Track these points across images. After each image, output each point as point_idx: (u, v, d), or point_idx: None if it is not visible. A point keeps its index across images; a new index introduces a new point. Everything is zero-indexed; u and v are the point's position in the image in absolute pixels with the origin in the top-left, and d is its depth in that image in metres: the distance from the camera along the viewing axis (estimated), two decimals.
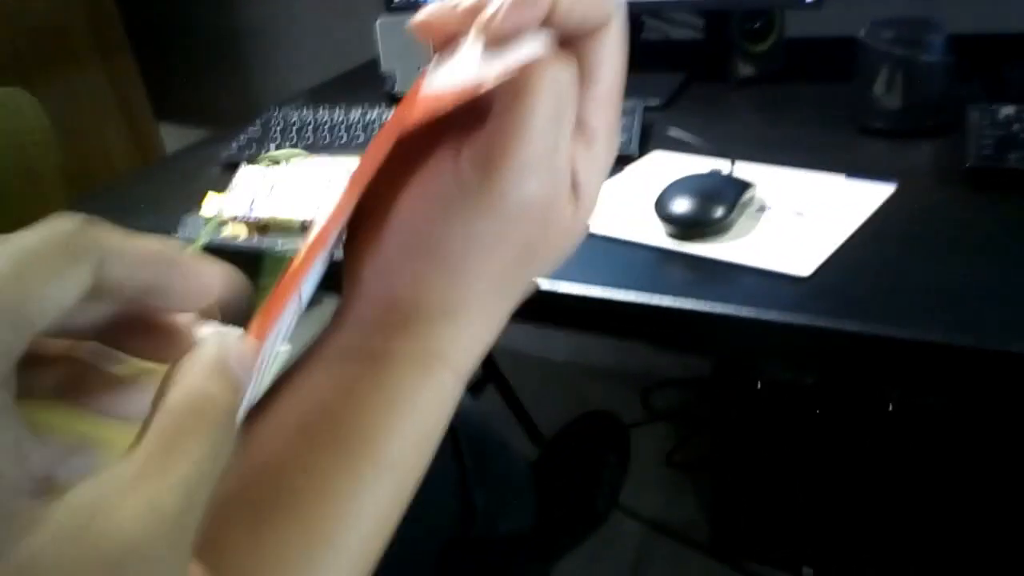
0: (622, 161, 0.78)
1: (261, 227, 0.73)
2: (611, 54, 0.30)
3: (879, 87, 0.77)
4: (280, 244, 0.69)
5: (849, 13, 0.83)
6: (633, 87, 0.91)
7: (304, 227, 0.69)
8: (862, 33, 0.78)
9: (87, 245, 0.20)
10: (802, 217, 0.64)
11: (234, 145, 0.90)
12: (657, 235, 0.64)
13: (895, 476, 0.98)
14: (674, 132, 0.81)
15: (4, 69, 1.26)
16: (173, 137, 1.64)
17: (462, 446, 0.62)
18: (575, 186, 0.31)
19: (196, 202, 0.78)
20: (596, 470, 1.10)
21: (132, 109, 1.46)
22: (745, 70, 0.94)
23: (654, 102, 0.91)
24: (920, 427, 0.95)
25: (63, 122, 1.36)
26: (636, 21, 1.10)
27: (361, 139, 0.88)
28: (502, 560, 0.63)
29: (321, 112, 0.95)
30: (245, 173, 0.77)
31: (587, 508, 1.05)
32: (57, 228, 0.20)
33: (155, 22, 1.61)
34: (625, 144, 0.79)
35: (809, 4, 0.81)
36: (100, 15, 1.37)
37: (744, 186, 0.65)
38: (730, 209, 0.62)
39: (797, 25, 0.98)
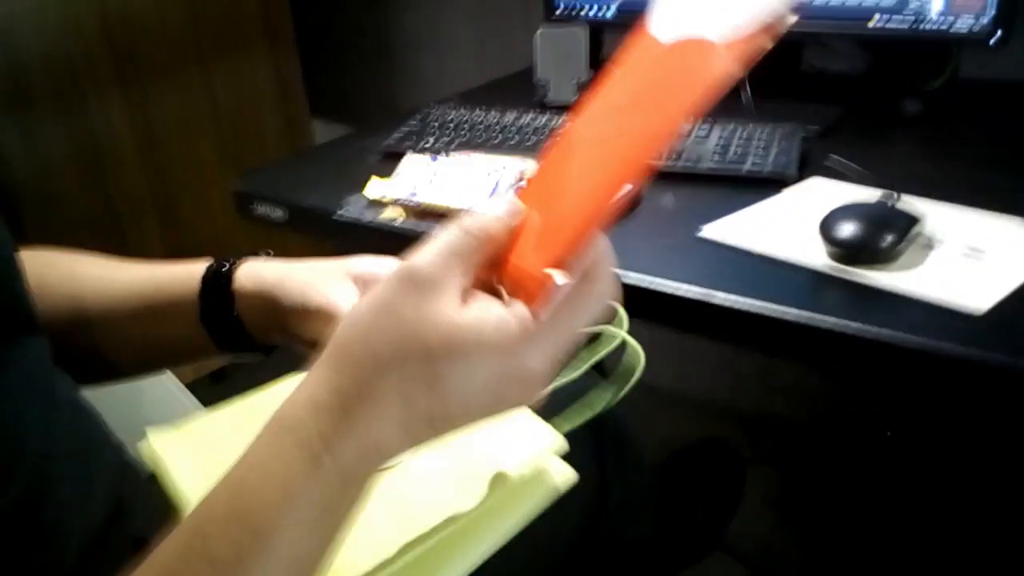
0: (779, 183, 0.77)
1: (420, 212, 0.76)
2: None
3: None
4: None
5: None
6: (791, 114, 0.91)
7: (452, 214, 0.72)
8: None
9: None
10: (975, 255, 0.62)
11: (395, 136, 0.95)
12: (818, 257, 0.63)
13: None
14: (833, 160, 0.79)
15: (184, 49, 1.37)
16: (322, 132, 1.73)
17: (605, 437, 0.62)
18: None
19: (355, 185, 0.82)
20: (710, 496, 1.08)
21: (290, 100, 1.55)
22: (912, 107, 0.91)
23: (813, 129, 0.89)
24: None
25: (227, 103, 1.46)
26: (796, 51, 1.09)
27: (515, 141, 0.90)
28: (625, 566, 0.62)
29: (477, 113, 0.98)
30: (409, 161, 0.80)
31: (701, 531, 1.03)
32: None
33: (319, 19, 1.70)
34: (784, 166, 0.78)
35: (992, 45, 0.78)
36: (273, 6, 1.47)
37: (914, 219, 0.63)
38: (900, 238, 0.60)
39: (971, 65, 0.95)
